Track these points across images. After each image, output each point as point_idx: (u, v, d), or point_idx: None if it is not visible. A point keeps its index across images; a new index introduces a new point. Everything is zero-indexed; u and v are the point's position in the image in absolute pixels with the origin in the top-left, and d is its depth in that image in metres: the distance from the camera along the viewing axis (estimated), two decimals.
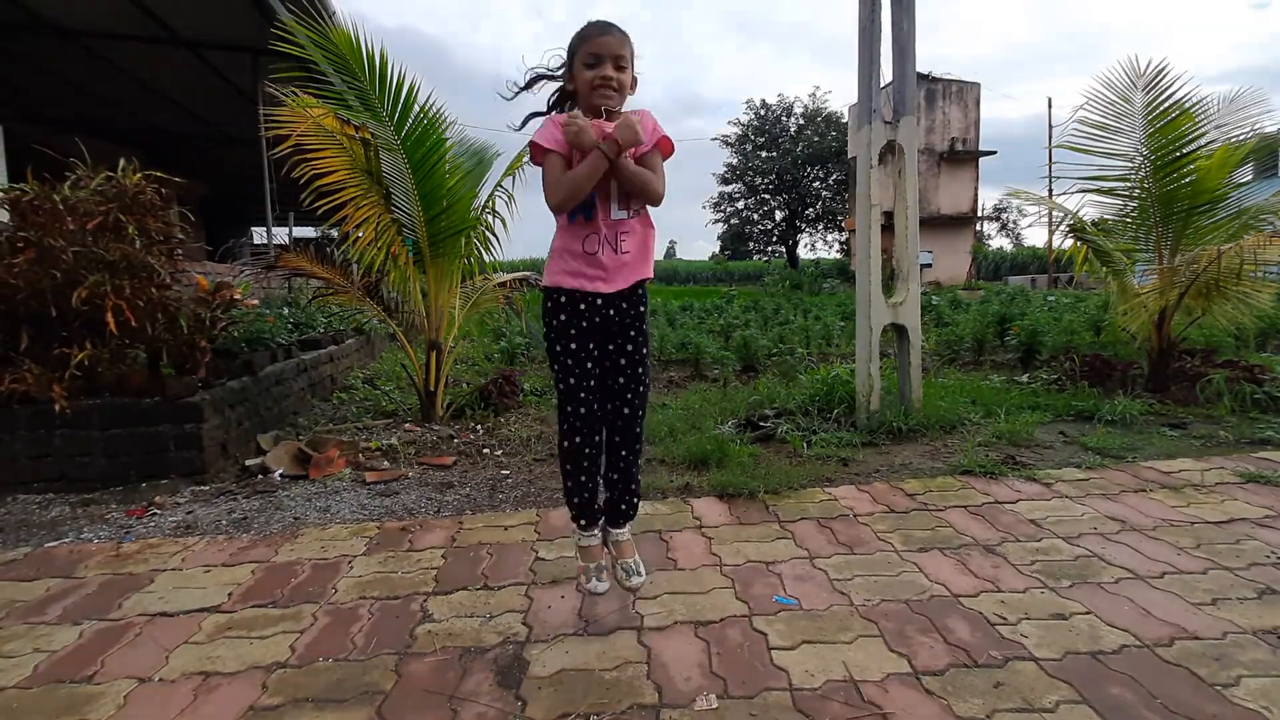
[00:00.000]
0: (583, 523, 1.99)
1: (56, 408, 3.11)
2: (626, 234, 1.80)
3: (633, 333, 1.86)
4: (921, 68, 28.09)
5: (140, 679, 1.73)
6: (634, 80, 1.81)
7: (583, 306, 1.80)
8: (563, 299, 1.81)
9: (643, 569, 1.95)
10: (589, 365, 1.84)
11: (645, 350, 1.89)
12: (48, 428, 3.19)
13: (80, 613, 2.08)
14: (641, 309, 1.87)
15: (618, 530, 2.00)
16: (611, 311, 1.82)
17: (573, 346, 1.82)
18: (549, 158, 1.74)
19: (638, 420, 1.91)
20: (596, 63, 1.72)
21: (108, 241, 3.28)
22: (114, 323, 3.15)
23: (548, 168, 1.74)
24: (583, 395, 1.84)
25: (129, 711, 1.61)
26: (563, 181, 1.71)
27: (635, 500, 2.00)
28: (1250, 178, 5.03)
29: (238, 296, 3.98)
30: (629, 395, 1.88)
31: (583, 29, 1.77)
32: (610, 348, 1.87)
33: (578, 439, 1.87)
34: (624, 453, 1.93)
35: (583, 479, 1.92)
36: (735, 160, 44.27)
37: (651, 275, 1.89)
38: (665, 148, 1.83)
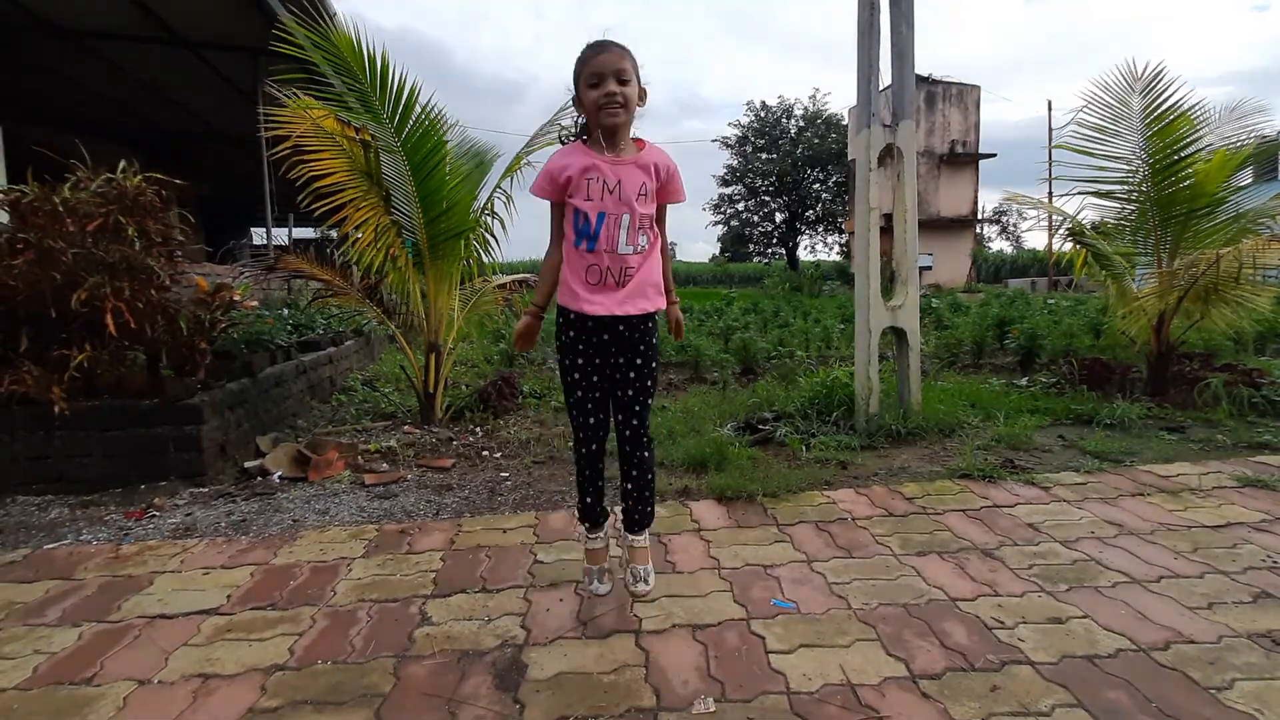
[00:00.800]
0: (587, 525, 2.06)
1: (56, 409, 3.11)
2: (632, 269, 1.82)
3: (641, 348, 1.88)
4: (921, 70, 28.14)
5: (139, 681, 1.74)
6: (643, 92, 1.82)
7: (590, 324, 1.83)
8: (572, 316, 1.86)
9: (651, 578, 1.97)
10: (595, 378, 1.89)
11: (654, 365, 1.92)
12: (47, 429, 3.19)
13: (79, 614, 2.09)
14: (649, 335, 1.89)
15: (634, 536, 2.01)
16: (618, 331, 1.84)
17: (580, 361, 1.88)
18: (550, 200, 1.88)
19: (644, 430, 1.93)
20: (599, 82, 1.73)
21: (107, 243, 3.28)
22: (113, 324, 3.15)
23: (551, 209, 1.91)
24: (590, 408, 1.90)
25: (128, 713, 1.61)
26: (545, 269, 1.94)
27: (649, 509, 2.00)
28: (1249, 181, 5.05)
29: (237, 298, 3.99)
30: (636, 407, 1.91)
31: (581, 53, 1.79)
32: (619, 361, 1.89)
33: (583, 448, 1.96)
34: (635, 461, 1.94)
35: (585, 483, 2.02)
36: (735, 162, 44.30)
37: (663, 305, 1.91)
38: (677, 198, 1.92)
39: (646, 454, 1.94)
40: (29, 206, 3.23)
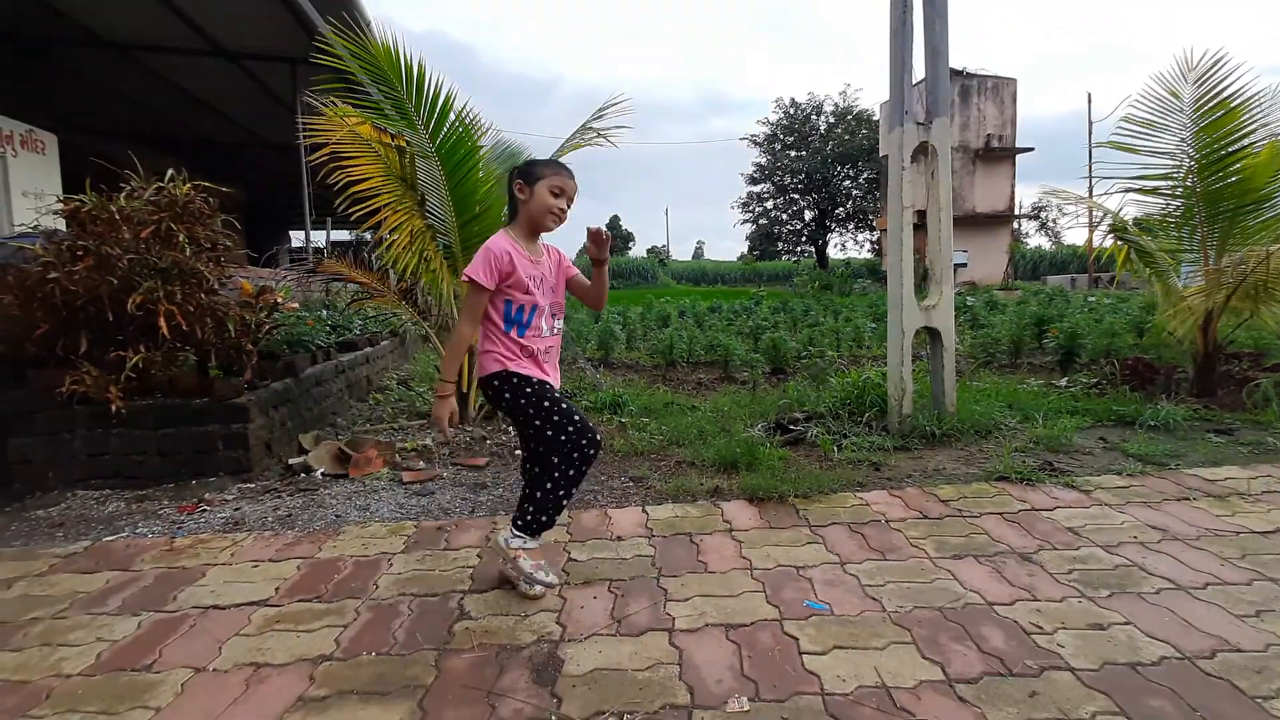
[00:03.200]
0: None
1: (113, 408, 3.26)
2: (552, 349, 2.24)
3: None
4: (955, 63, 27.50)
5: (196, 669, 1.82)
6: None
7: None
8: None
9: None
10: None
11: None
12: (105, 427, 3.34)
13: (138, 604, 2.19)
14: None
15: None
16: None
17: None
18: (475, 286, 2.08)
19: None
20: (560, 195, 2.12)
21: (160, 249, 3.43)
22: (166, 327, 3.29)
23: (473, 295, 2.10)
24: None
25: (186, 700, 1.69)
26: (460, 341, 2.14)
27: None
28: None
29: (279, 300, 4.12)
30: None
31: (555, 163, 2.18)
32: None
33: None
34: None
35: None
36: (764, 160, 43.97)
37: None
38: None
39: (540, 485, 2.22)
40: (88, 215, 3.39)
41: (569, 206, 2.14)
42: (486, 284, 2.05)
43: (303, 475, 3.50)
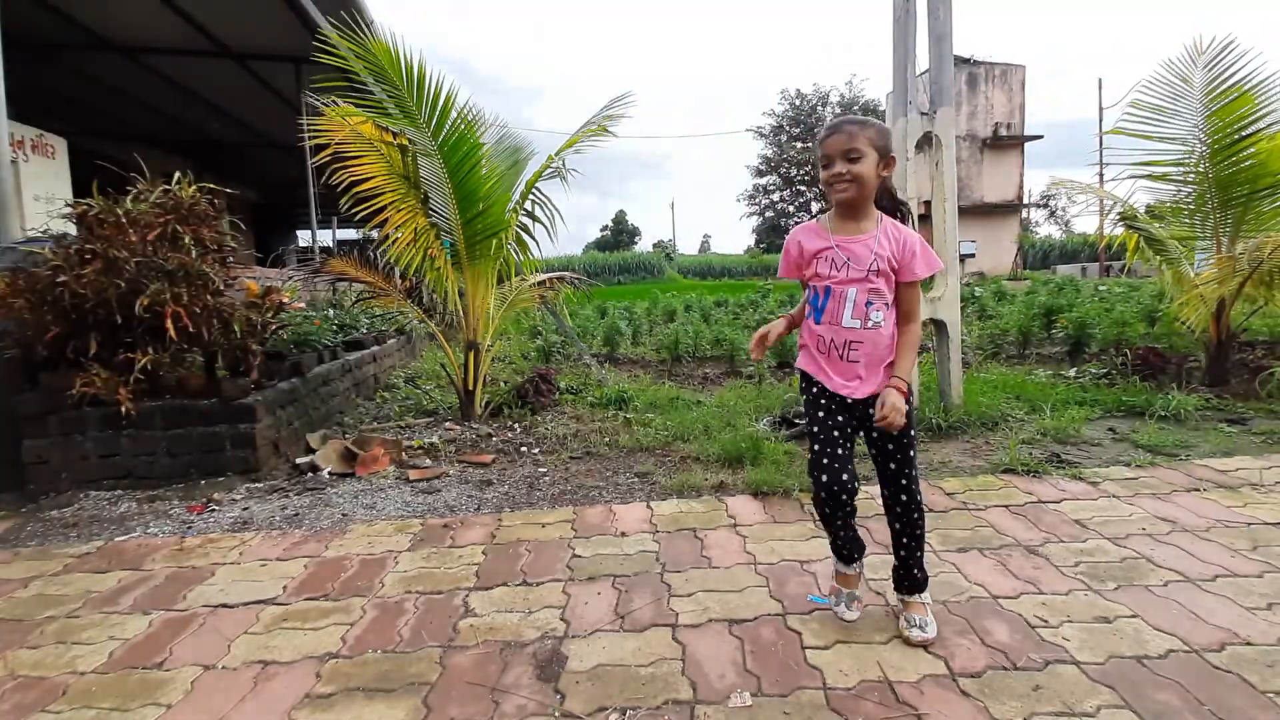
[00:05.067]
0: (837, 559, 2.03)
1: (123, 409, 3.29)
2: (858, 344, 1.86)
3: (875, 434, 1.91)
4: (962, 50, 27.20)
5: (205, 666, 1.85)
6: (889, 161, 1.85)
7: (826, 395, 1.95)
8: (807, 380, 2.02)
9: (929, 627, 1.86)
10: (835, 434, 1.90)
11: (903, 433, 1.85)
12: (116, 428, 3.38)
13: (149, 603, 2.22)
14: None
15: (902, 595, 1.96)
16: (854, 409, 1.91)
17: (820, 415, 1.94)
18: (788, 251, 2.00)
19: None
20: (829, 163, 1.84)
21: (166, 251, 3.46)
22: (173, 328, 3.31)
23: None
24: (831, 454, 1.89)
25: (196, 697, 1.72)
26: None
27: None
28: None
29: (286, 300, 4.14)
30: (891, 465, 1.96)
31: (823, 131, 1.89)
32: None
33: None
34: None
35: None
36: (770, 152, 43.77)
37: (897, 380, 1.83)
38: (927, 270, 1.94)
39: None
40: (95, 219, 3.42)
41: (843, 163, 1.80)
42: (782, 275, 2.03)
43: (310, 474, 3.53)
